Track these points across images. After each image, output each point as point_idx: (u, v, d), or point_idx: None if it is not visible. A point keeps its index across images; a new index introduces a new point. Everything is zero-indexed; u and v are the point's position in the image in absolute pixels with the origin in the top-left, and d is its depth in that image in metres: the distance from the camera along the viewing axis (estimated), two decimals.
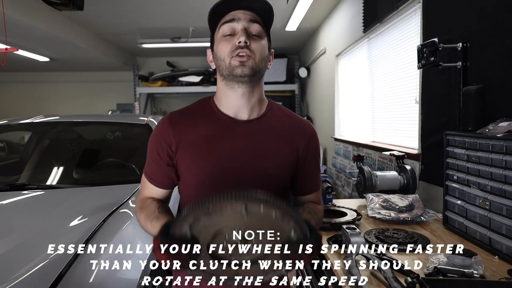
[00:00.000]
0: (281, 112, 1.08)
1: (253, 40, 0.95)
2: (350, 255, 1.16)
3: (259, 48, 0.95)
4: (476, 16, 1.66)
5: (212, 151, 0.99)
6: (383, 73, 3.07)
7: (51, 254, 1.31)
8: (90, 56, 6.16)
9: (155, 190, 1.06)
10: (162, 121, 1.04)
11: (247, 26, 0.94)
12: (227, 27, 0.95)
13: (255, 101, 1.02)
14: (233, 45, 0.94)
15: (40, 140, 2.71)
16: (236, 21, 0.94)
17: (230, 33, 0.95)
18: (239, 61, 0.93)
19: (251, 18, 0.95)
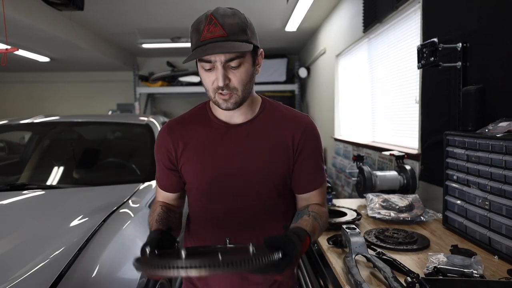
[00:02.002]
0: (275, 110, 1.09)
1: (233, 74, 0.93)
2: (350, 255, 1.16)
3: (239, 80, 0.94)
4: (476, 16, 1.66)
5: (208, 155, 1.03)
6: (383, 73, 3.07)
7: (51, 254, 1.31)
8: (90, 56, 6.16)
9: (165, 194, 1.13)
10: (161, 130, 1.11)
11: (224, 65, 0.92)
12: (205, 65, 0.94)
13: (245, 108, 1.04)
14: (213, 82, 0.94)
15: (40, 140, 2.71)
16: (212, 61, 0.92)
17: (210, 68, 0.94)
18: (223, 99, 0.96)
19: (226, 59, 0.91)
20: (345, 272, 1.15)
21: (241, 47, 0.91)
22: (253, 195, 1.03)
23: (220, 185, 1.03)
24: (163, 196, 1.14)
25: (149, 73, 7.31)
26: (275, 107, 1.10)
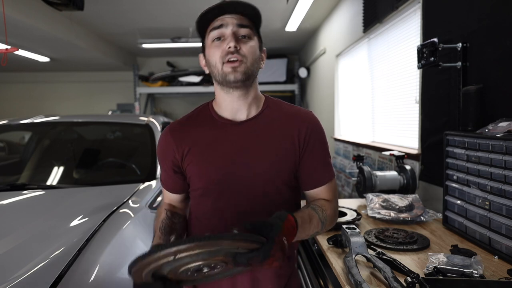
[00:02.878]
0: (278, 107, 1.08)
1: (243, 43, 0.96)
2: (350, 255, 1.16)
3: (249, 50, 0.96)
4: (476, 16, 1.66)
5: (214, 154, 1.02)
6: (383, 73, 3.07)
7: (51, 254, 1.31)
8: (90, 56, 6.16)
9: (171, 195, 1.13)
10: (164, 132, 1.09)
11: (235, 30, 0.95)
12: (216, 33, 0.96)
13: (251, 100, 1.03)
14: (223, 50, 0.95)
15: (40, 140, 2.71)
16: (224, 26, 0.95)
17: (220, 37, 0.96)
18: (231, 67, 0.95)
19: (238, 23, 0.95)
20: (345, 272, 1.15)
21: (252, 7, 0.96)
22: (260, 192, 1.01)
23: (227, 183, 1.01)
24: (169, 197, 1.14)
25: (149, 73, 7.31)
26: (278, 104, 1.10)
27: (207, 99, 1.11)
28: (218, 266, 0.80)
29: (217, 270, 0.81)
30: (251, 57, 0.96)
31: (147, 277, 0.77)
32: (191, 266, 0.76)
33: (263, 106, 1.06)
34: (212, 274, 0.83)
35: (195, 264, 0.76)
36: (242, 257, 0.75)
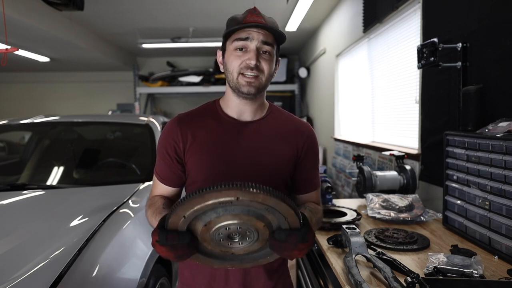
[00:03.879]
0: (281, 114, 1.15)
1: (263, 60, 1.01)
2: (350, 255, 1.16)
3: (267, 67, 1.01)
4: (476, 16, 1.66)
5: (218, 148, 1.05)
6: (383, 73, 3.07)
7: (51, 254, 1.31)
8: (90, 56, 6.16)
9: (164, 188, 1.11)
10: (170, 121, 1.10)
11: (259, 46, 0.99)
12: (240, 43, 1.00)
13: (257, 105, 1.09)
14: (243, 62, 0.99)
15: (40, 140, 2.71)
16: (249, 40, 0.99)
17: (243, 47, 1.00)
18: (246, 81, 1.00)
19: (263, 40, 0.99)
20: (345, 272, 1.15)
21: (280, 33, 1.01)
22: None
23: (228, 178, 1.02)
24: (161, 190, 1.10)
25: (149, 73, 7.32)
26: (281, 111, 1.16)
27: (207, 99, 1.13)
28: (249, 238, 0.81)
29: (245, 244, 0.82)
30: (267, 74, 1.02)
31: (183, 225, 0.78)
32: (231, 224, 0.77)
33: (267, 111, 1.12)
34: (234, 250, 0.83)
35: (237, 222, 0.77)
36: (282, 233, 0.78)
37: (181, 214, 0.76)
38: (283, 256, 0.84)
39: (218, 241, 0.81)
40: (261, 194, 0.72)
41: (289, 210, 0.76)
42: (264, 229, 0.79)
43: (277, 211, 0.76)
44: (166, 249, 0.78)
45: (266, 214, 0.77)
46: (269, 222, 0.79)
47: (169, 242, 0.77)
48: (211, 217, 0.77)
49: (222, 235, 0.80)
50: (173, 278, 1.97)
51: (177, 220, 0.77)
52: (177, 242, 0.77)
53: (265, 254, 0.87)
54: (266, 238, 0.82)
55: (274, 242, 0.80)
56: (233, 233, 0.80)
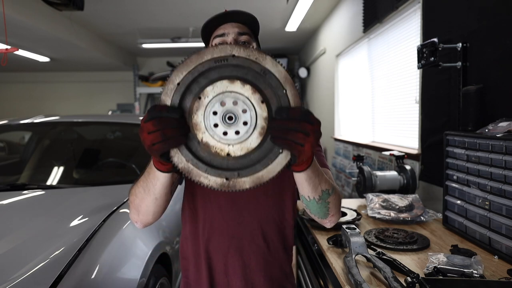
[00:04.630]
0: None
1: None
2: (350, 255, 1.16)
3: None
4: (476, 16, 1.66)
5: None
6: (383, 73, 3.07)
7: (51, 254, 1.31)
8: (90, 56, 6.17)
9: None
10: None
11: (236, 37, 1.03)
12: (218, 40, 1.04)
13: None
14: None
15: (40, 140, 2.71)
16: (226, 34, 1.03)
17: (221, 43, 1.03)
18: None
19: (239, 31, 1.04)
20: (345, 272, 1.15)
21: (252, 17, 1.05)
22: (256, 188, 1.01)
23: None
24: None
25: (149, 73, 7.32)
26: None
27: None
28: (246, 124, 0.70)
29: (242, 132, 0.70)
30: None
31: (175, 97, 0.70)
32: (226, 94, 0.69)
33: None
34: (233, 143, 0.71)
35: (233, 92, 0.69)
36: (283, 109, 0.70)
37: (175, 80, 0.70)
38: (287, 147, 0.70)
39: (211, 127, 0.70)
40: (256, 51, 0.71)
41: (286, 77, 0.71)
42: (262, 108, 0.70)
43: (273, 76, 0.71)
44: (152, 124, 0.68)
45: (263, 84, 0.71)
46: (267, 100, 0.71)
47: (157, 113, 0.69)
48: (204, 85, 0.70)
49: (217, 116, 0.69)
50: (173, 278, 1.97)
51: (171, 89, 0.70)
52: (167, 113, 0.69)
53: (265, 162, 0.72)
54: (265, 127, 0.70)
55: (274, 123, 0.69)
56: (227, 116, 0.69)
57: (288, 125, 0.69)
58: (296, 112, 0.69)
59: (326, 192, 0.87)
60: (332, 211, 0.90)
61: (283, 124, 0.69)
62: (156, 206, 0.90)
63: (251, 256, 1.03)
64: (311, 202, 0.87)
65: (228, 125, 0.70)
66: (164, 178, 0.83)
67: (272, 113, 0.71)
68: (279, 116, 0.70)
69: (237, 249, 1.03)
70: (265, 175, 0.73)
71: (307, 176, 0.81)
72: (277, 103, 0.71)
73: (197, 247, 1.05)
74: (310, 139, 0.70)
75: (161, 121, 0.68)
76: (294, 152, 0.71)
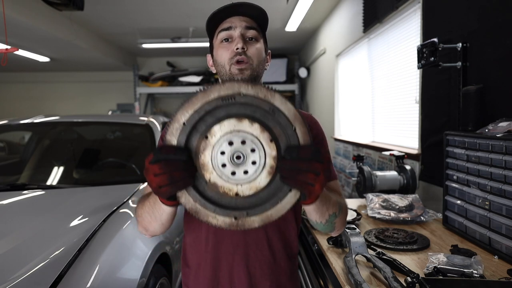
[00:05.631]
0: None
1: (250, 45, 0.99)
2: (350, 255, 1.16)
3: (256, 52, 0.99)
4: (476, 16, 1.66)
5: None
6: (383, 73, 3.07)
7: (51, 254, 1.31)
8: (90, 56, 6.16)
9: None
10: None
11: (243, 32, 0.99)
12: (224, 34, 0.99)
13: None
14: (231, 51, 0.98)
15: (40, 140, 2.71)
16: (233, 28, 0.98)
17: (228, 38, 0.99)
18: (238, 69, 0.98)
19: (247, 25, 0.99)
20: (345, 272, 1.15)
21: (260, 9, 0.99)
22: None
23: None
24: None
25: (149, 73, 7.32)
26: None
27: None
28: (255, 163, 0.69)
29: (251, 172, 0.69)
30: (257, 59, 0.99)
31: (181, 137, 0.69)
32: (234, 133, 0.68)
33: None
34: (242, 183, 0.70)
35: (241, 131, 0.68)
36: (293, 149, 0.68)
37: (181, 119, 0.69)
38: (297, 187, 0.70)
39: (219, 167, 0.69)
40: (264, 89, 0.69)
41: (295, 115, 0.69)
42: (271, 147, 0.69)
43: (282, 115, 0.69)
44: (159, 167, 0.67)
45: (272, 122, 0.70)
46: (276, 138, 0.70)
47: (164, 155, 0.67)
48: (211, 124, 0.69)
49: (224, 156, 0.68)
50: (173, 278, 1.97)
51: (176, 129, 0.69)
52: (174, 155, 0.67)
53: (275, 201, 0.72)
54: (274, 167, 0.69)
55: (284, 163, 0.68)
56: (235, 155, 0.68)
57: (298, 166, 0.67)
58: (307, 152, 0.68)
59: (333, 215, 0.88)
60: (338, 227, 0.93)
61: (293, 164, 0.68)
62: (163, 228, 0.93)
63: (256, 265, 1.01)
64: (318, 225, 0.89)
65: (237, 164, 0.69)
66: (170, 210, 0.84)
67: (281, 152, 0.70)
68: (289, 155, 0.68)
69: (242, 257, 1.00)
70: (274, 214, 0.72)
71: (315, 206, 0.82)
72: (286, 141, 0.70)
73: (201, 256, 1.02)
74: (321, 179, 0.69)
75: (167, 164, 0.67)
76: (305, 191, 0.71)
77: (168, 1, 4.26)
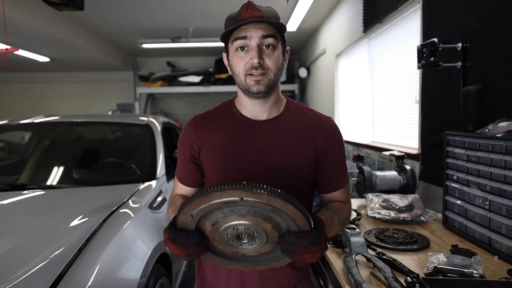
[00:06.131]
0: (299, 110, 1.10)
1: (267, 56, 0.97)
2: (350, 255, 1.16)
3: (273, 62, 0.98)
4: (476, 16, 1.66)
5: (232, 149, 1.03)
6: (383, 73, 3.07)
7: (51, 254, 1.31)
8: (90, 56, 6.16)
9: (184, 188, 1.14)
10: (187, 124, 1.12)
11: (259, 42, 0.96)
12: (240, 42, 0.97)
13: (271, 103, 1.05)
14: (247, 63, 0.96)
15: (40, 140, 2.71)
16: (248, 38, 0.95)
17: (243, 46, 0.97)
18: (254, 80, 0.97)
19: (264, 34, 0.95)
20: (345, 272, 1.15)
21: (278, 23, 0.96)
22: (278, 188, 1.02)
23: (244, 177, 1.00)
24: (181, 190, 1.14)
25: (149, 73, 7.31)
26: (299, 107, 1.11)
27: (207, 99, 1.13)
28: (257, 240, 0.80)
29: (255, 245, 0.82)
30: (274, 68, 0.98)
31: (191, 224, 0.79)
32: (238, 224, 0.77)
33: (284, 108, 1.08)
34: (245, 251, 0.83)
35: (244, 223, 0.77)
36: (292, 235, 0.77)
37: (188, 213, 0.77)
38: (295, 260, 0.82)
39: (228, 241, 0.81)
40: (265, 195, 0.71)
41: (296, 212, 0.74)
42: (273, 231, 0.78)
43: (283, 212, 0.75)
44: (176, 247, 0.80)
45: (273, 215, 0.76)
46: (278, 224, 0.78)
47: (178, 241, 0.79)
48: (218, 217, 0.77)
49: (231, 235, 0.80)
50: (173, 278, 1.97)
51: (185, 218, 0.78)
52: (186, 241, 0.79)
53: (277, 257, 0.86)
54: (276, 240, 0.80)
55: (284, 244, 0.79)
56: (241, 234, 0.80)
57: (295, 250, 0.78)
58: (304, 240, 0.77)
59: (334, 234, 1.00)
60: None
61: (291, 248, 0.78)
62: None
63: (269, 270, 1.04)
64: None
65: (242, 242, 0.82)
66: None
67: (282, 231, 0.79)
68: (288, 240, 0.77)
69: None
70: (277, 264, 0.87)
71: None
72: (287, 225, 0.79)
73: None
74: (317, 255, 0.79)
75: (183, 246, 0.80)
76: (303, 263, 0.85)
77: (168, 1, 4.26)
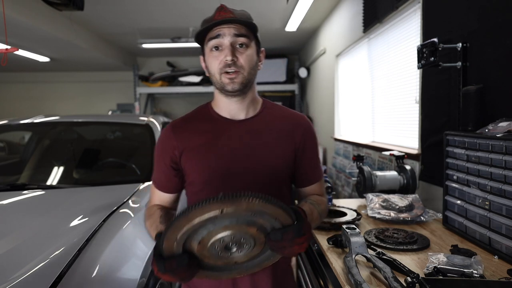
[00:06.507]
0: (276, 109, 1.14)
1: (240, 54, 0.99)
2: (350, 255, 1.16)
3: (246, 59, 1.00)
4: (476, 16, 1.66)
5: (213, 150, 1.05)
6: (383, 73, 3.07)
7: (51, 254, 1.31)
8: (90, 56, 6.16)
9: (162, 195, 1.13)
10: (165, 129, 1.12)
11: (232, 41, 0.99)
12: (214, 42, 1.00)
13: (248, 102, 1.08)
14: (221, 61, 0.99)
15: (40, 140, 2.71)
16: (221, 36, 0.99)
17: (217, 46, 1.00)
18: (229, 78, 0.99)
19: (235, 33, 0.99)
20: (345, 272, 1.15)
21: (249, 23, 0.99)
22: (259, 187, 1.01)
23: (227, 178, 1.03)
24: (159, 198, 1.13)
25: (149, 73, 7.31)
26: (275, 106, 1.15)
27: (207, 99, 1.13)
28: (246, 245, 0.82)
29: (244, 251, 0.82)
30: (248, 66, 1.01)
31: (177, 248, 0.78)
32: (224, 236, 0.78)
33: (261, 107, 1.12)
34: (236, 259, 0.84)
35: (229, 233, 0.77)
36: (277, 232, 0.79)
37: (172, 238, 0.76)
38: (286, 255, 0.84)
39: (217, 255, 0.81)
40: (244, 202, 0.72)
41: (276, 209, 0.76)
42: (258, 233, 0.80)
43: (265, 213, 0.76)
44: (168, 276, 0.79)
45: (256, 218, 0.77)
46: (262, 226, 0.79)
47: (168, 270, 0.78)
48: (203, 234, 0.77)
49: (219, 248, 0.80)
50: None
51: (171, 244, 0.77)
52: (176, 266, 0.78)
53: (268, 256, 0.87)
54: (263, 241, 0.82)
55: (272, 243, 0.81)
56: (229, 244, 0.80)
57: (282, 245, 0.80)
58: (289, 234, 0.79)
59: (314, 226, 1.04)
60: None
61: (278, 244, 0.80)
62: None
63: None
64: None
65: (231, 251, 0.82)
66: None
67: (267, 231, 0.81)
68: (274, 238, 0.80)
69: None
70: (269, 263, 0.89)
71: None
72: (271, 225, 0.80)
73: None
74: (304, 245, 0.82)
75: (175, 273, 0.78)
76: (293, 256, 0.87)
77: (168, 1, 4.26)
